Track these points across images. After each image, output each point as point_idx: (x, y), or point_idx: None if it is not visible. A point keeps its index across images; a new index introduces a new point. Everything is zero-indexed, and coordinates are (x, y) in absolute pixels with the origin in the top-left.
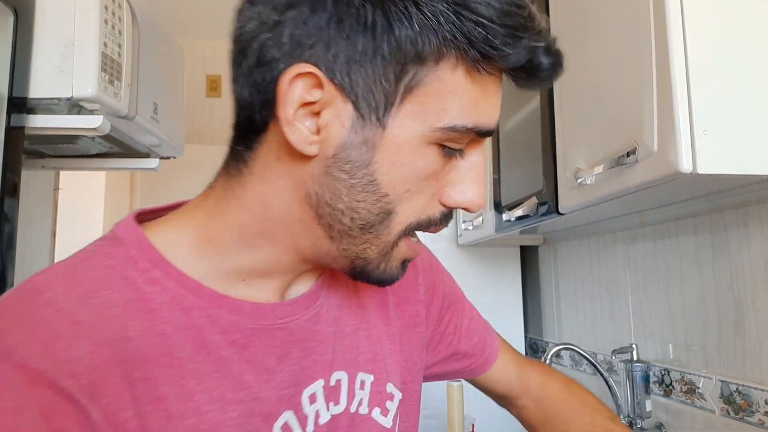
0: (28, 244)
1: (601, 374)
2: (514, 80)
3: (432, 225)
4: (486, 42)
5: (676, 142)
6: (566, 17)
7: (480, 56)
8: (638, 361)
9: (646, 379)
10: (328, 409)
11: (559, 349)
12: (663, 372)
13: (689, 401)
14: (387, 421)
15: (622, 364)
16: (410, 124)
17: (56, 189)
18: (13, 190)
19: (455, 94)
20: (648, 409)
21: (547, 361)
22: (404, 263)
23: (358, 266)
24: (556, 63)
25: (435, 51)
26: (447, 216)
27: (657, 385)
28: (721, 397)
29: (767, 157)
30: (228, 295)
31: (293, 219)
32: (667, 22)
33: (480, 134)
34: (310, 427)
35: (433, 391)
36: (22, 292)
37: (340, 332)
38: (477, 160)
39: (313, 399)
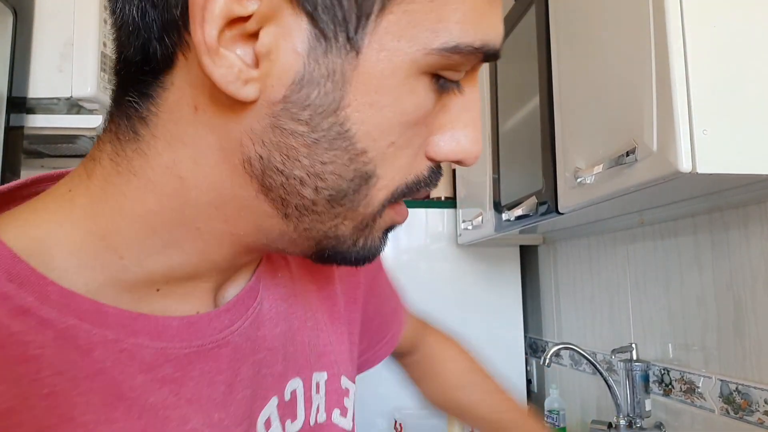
0: None
1: (601, 374)
2: None
3: (421, 186)
4: None
5: (675, 142)
6: (566, 18)
7: None
8: (638, 360)
9: (646, 378)
10: (284, 430)
11: (559, 349)
12: (663, 371)
13: (689, 401)
14: (347, 422)
15: (621, 363)
16: (395, 45)
17: None
18: None
19: None
20: (648, 409)
21: (547, 361)
22: (386, 232)
23: (327, 248)
24: None
25: None
26: (436, 173)
27: (657, 384)
28: (720, 397)
29: (767, 157)
30: (142, 312)
31: (225, 197)
32: (667, 22)
33: (487, 56)
34: None
35: None
36: None
37: (289, 330)
38: (471, 96)
39: (268, 425)
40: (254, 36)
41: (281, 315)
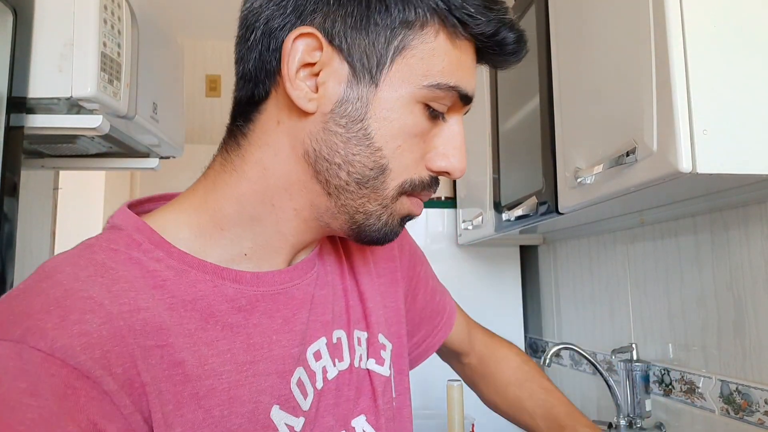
0: (27, 243)
1: (601, 374)
2: (486, 56)
3: (425, 187)
4: (462, 9)
5: (675, 142)
6: (566, 17)
7: (457, 22)
8: (638, 360)
9: (646, 378)
10: (334, 365)
11: (559, 349)
12: (663, 372)
13: (689, 401)
14: (384, 370)
15: (621, 363)
16: (399, 83)
17: (56, 189)
18: (13, 189)
19: (438, 56)
20: (648, 409)
21: (547, 361)
22: (403, 220)
23: (359, 221)
24: (521, 39)
25: (420, 18)
26: (435, 180)
27: (657, 384)
28: (720, 397)
29: (767, 157)
30: (230, 267)
31: (292, 180)
32: (667, 22)
33: (461, 97)
34: (319, 382)
35: (433, 391)
36: (34, 278)
37: (335, 294)
38: (458, 128)
39: (318, 356)
40: (316, 75)
41: (329, 283)
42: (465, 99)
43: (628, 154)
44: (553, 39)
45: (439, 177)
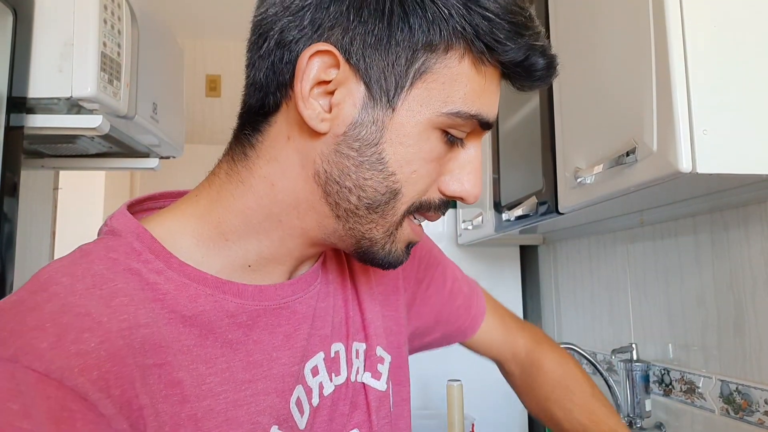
0: (27, 244)
1: (601, 374)
2: (512, 79)
3: (431, 209)
4: (491, 34)
5: (675, 142)
6: (566, 17)
7: (485, 48)
8: (638, 360)
9: (646, 378)
10: (331, 381)
11: None
12: (663, 371)
13: (689, 401)
14: (381, 384)
15: (621, 363)
16: (418, 108)
17: (56, 189)
18: (13, 189)
19: (461, 82)
20: (648, 409)
21: None
22: (408, 246)
23: (364, 247)
24: (551, 65)
25: (445, 40)
26: (444, 204)
27: (657, 384)
28: (720, 397)
29: (767, 157)
30: (232, 280)
31: (300, 199)
32: (667, 22)
33: (481, 124)
34: (315, 399)
35: (433, 391)
36: (28, 289)
37: (335, 306)
38: (475, 153)
39: (315, 372)
40: (330, 93)
41: (330, 294)
42: (486, 126)
43: (628, 154)
44: (553, 39)
45: (460, 202)
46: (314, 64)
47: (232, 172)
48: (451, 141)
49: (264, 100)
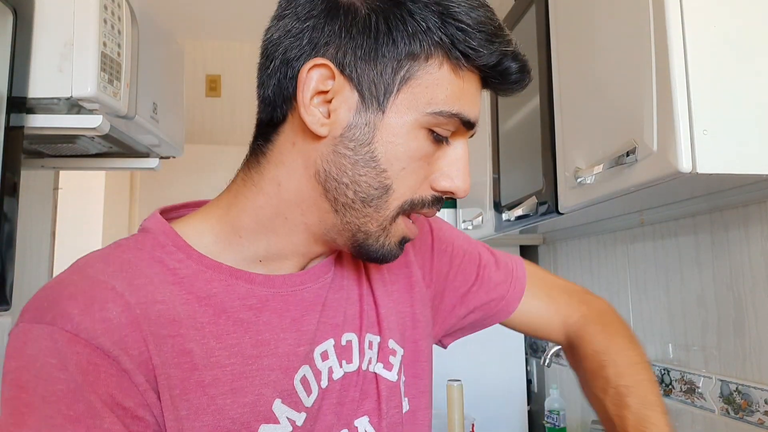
0: (27, 243)
1: None
2: (491, 84)
3: (425, 206)
4: (465, 43)
5: (675, 142)
6: (566, 17)
7: (461, 55)
8: None
9: None
10: (341, 366)
11: (559, 349)
12: (663, 371)
13: (689, 401)
14: (392, 375)
15: None
16: (405, 110)
17: (56, 189)
18: (13, 189)
19: (442, 86)
20: None
21: (547, 361)
22: (402, 242)
23: (360, 239)
24: (524, 68)
25: (425, 50)
26: (437, 200)
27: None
28: (720, 397)
29: (767, 157)
30: (243, 270)
31: (304, 197)
32: (667, 22)
33: (463, 123)
34: (324, 381)
35: (434, 391)
36: (68, 271)
37: (349, 299)
38: (462, 151)
39: (324, 356)
40: (328, 102)
41: (344, 287)
42: (468, 125)
43: (628, 154)
44: (553, 39)
45: (451, 197)
46: (313, 76)
47: (247, 177)
48: (438, 139)
49: (273, 114)
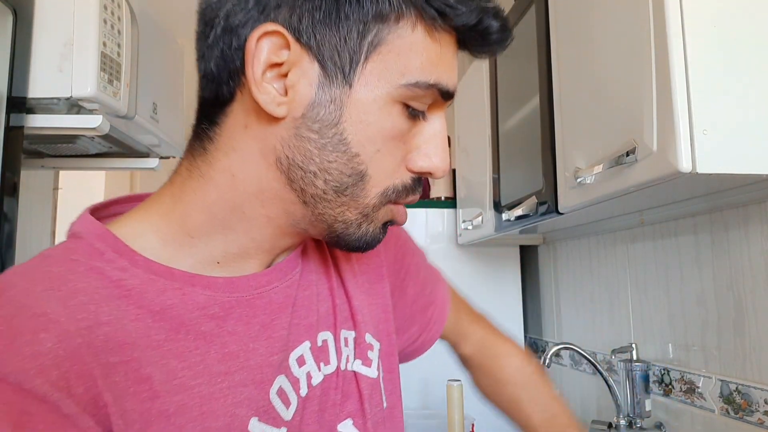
0: (27, 243)
1: (601, 374)
2: (469, 46)
3: (408, 192)
4: (442, 0)
5: (675, 142)
6: (566, 17)
7: (436, 13)
8: (638, 360)
9: (646, 378)
10: (319, 370)
11: (559, 349)
12: (663, 371)
13: (689, 401)
14: (372, 371)
15: (621, 363)
16: (375, 82)
17: (56, 189)
18: (13, 189)
19: (416, 51)
20: (648, 409)
21: (547, 361)
22: (385, 225)
23: (338, 230)
24: (505, 26)
25: (395, 10)
26: (417, 182)
27: (657, 384)
28: (720, 397)
29: (767, 157)
30: (200, 274)
31: (263, 188)
32: (667, 22)
33: (441, 93)
34: (303, 389)
35: (433, 391)
36: None
37: (320, 294)
38: (440, 126)
39: (301, 361)
40: (284, 76)
41: (314, 283)
42: (446, 95)
43: (628, 154)
44: (553, 39)
45: (429, 178)
46: (264, 47)
47: (192, 167)
48: (413, 114)
49: (217, 91)
